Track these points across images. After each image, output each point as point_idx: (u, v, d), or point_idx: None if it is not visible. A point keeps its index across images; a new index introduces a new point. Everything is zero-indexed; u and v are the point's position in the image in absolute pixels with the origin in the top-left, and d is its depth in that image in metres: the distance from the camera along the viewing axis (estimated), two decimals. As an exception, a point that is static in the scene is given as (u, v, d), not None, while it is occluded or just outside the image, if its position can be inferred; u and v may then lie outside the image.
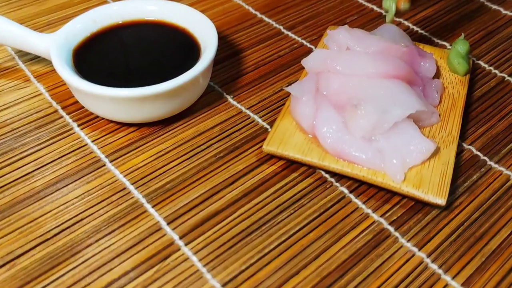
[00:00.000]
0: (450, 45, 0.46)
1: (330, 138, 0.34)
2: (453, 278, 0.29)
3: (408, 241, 0.31)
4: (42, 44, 0.38)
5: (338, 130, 0.34)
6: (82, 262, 0.30)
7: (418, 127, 0.35)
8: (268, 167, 0.35)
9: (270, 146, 0.35)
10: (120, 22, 0.41)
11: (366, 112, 0.33)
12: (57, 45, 0.37)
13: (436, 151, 0.34)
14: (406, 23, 0.48)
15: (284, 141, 0.35)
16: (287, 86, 0.38)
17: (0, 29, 0.38)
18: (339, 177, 0.35)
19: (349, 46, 0.38)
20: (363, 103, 0.34)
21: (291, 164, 0.35)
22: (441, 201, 0.32)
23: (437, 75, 0.40)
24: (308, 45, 0.46)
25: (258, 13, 0.49)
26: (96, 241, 0.31)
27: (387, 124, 0.33)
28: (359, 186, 0.34)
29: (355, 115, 0.34)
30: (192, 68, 0.36)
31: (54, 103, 0.39)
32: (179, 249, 0.30)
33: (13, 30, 0.39)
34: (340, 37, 0.39)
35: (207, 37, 0.39)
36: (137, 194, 0.33)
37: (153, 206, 0.33)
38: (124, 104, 0.35)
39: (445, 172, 0.33)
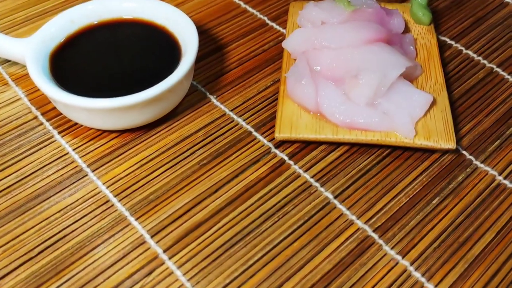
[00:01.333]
0: (439, 33, 0.45)
1: (338, 113, 0.35)
2: (436, 286, 0.29)
3: (392, 248, 0.31)
4: (18, 50, 0.37)
5: (343, 103, 0.36)
6: (67, 280, 0.30)
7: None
8: (252, 173, 0.35)
9: (282, 133, 0.35)
10: (98, 21, 0.40)
11: (366, 80, 0.35)
12: (33, 51, 0.36)
13: (432, 101, 0.36)
14: (393, 10, 0.47)
15: (294, 125, 0.36)
16: (287, 73, 0.38)
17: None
18: (324, 181, 0.34)
19: (324, 20, 0.40)
20: (361, 72, 0.35)
21: (276, 169, 0.35)
22: (452, 145, 0.34)
23: (406, 29, 0.42)
24: (293, 37, 0.44)
25: (241, 3, 0.48)
26: (80, 257, 0.31)
27: (384, 87, 0.35)
28: (344, 190, 0.34)
29: (357, 84, 0.35)
30: (174, 73, 0.35)
31: (33, 109, 0.39)
32: (163, 263, 0.30)
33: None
34: (313, 14, 0.40)
35: (187, 36, 0.38)
36: (120, 207, 0.33)
37: (136, 219, 0.32)
38: (103, 114, 0.34)
39: (446, 119, 0.35)
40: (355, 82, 0.35)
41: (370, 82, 0.35)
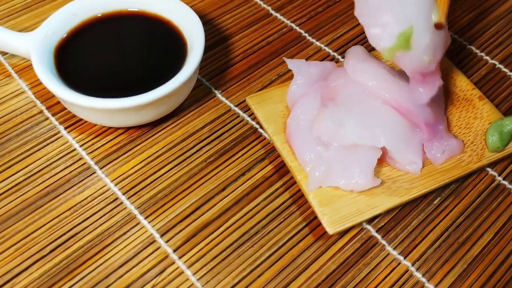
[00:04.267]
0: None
1: (295, 120, 0.34)
2: (436, 286, 0.31)
3: (394, 248, 0.32)
4: (22, 45, 0.37)
5: (306, 120, 0.34)
6: (81, 279, 0.30)
7: (394, 165, 0.34)
8: (258, 172, 0.35)
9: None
10: (101, 14, 0.39)
11: (324, 116, 0.33)
12: (37, 47, 0.36)
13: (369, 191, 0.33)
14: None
15: (265, 102, 0.36)
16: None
17: (-25, 30, 0.37)
18: (329, 180, 0.35)
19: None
20: (331, 107, 0.33)
21: (280, 168, 0.36)
22: (329, 229, 0.31)
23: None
24: (298, 29, 0.44)
25: (245, -9, 0.47)
26: (92, 256, 0.31)
27: (344, 139, 0.32)
28: (348, 189, 0.35)
29: (320, 113, 0.34)
30: (181, 72, 0.35)
31: (38, 103, 0.39)
32: (173, 263, 0.31)
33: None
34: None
35: (193, 31, 0.37)
36: (129, 205, 0.34)
37: (145, 218, 0.33)
38: (110, 113, 0.34)
39: (363, 212, 0.32)
40: (322, 109, 0.34)
41: (325, 119, 0.33)
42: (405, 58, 0.32)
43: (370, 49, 0.41)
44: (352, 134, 0.32)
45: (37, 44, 0.36)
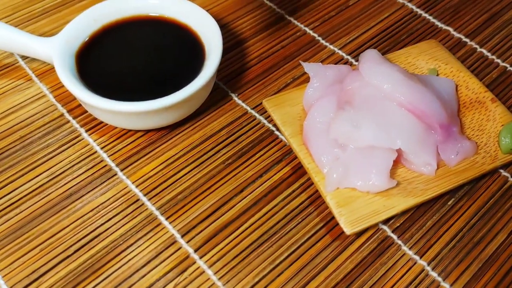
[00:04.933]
0: (455, 29, 0.45)
1: (311, 122, 0.35)
2: (452, 285, 0.31)
3: (410, 248, 0.33)
4: (43, 50, 0.37)
5: (323, 122, 0.35)
6: (105, 278, 0.31)
7: (409, 167, 0.35)
8: (275, 174, 0.36)
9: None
10: (120, 19, 0.40)
11: (341, 118, 0.34)
12: (60, 51, 0.37)
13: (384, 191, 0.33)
14: (410, 5, 0.47)
15: (281, 104, 0.37)
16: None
17: (-1, 36, 0.38)
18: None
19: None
20: (348, 109, 0.34)
21: (297, 170, 0.36)
22: (347, 230, 0.32)
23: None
24: (311, 33, 0.45)
25: (259, -4, 0.48)
26: (115, 256, 0.32)
27: (361, 141, 0.33)
28: (364, 190, 0.35)
29: (336, 115, 0.34)
30: (199, 76, 0.36)
31: (59, 106, 0.39)
32: (194, 262, 0.32)
33: (11, 36, 0.38)
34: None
35: (210, 35, 0.38)
36: (150, 206, 0.34)
37: (166, 218, 0.34)
38: (131, 116, 0.35)
39: (379, 212, 0.32)
40: (339, 112, 0.34)
41: (342, 122, 0.34)
42: None
43: (383, 52, 0.42)
44: (368, 136, 0.33)
45: (59, 49, 0.37)
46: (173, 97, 0.34)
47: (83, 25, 0.39)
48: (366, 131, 0.33)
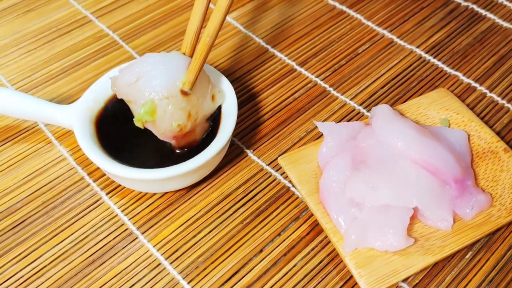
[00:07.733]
0: (464, 74, 0.46)
1: (327, 181, 0.35)
2: None
3: (431, 306, 0.33)
4: (63, 117, 0.38)
5: (339, 181, 0.36)
6: None
7: (425, 222, 0.35)
8: (293, 232, 0.37)
9: (284, 159, 0.37)
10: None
11: (357, 178, 0.35)
12: (79, 119, 0.38)
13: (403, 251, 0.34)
14: (418, 51, 0.48)
15: (296, 162, 0.38)
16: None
17: (18, 106, 0.39)
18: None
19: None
20: (363, 170, 0.35)
21: (315, 227, 0.37)
22: None
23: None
24: (322, 83, 0.46)
25: (269, 47, 0.49)
26: (140, 323, 0.33)
27: (377, 201, 0.34)
28: (381, 246, 0.36)
29: (352, 176, 0.35)
30: (215, 140, 0.36)
31: (79, 169, 0.40)
32: (218, 328, 0.33)
33: (32, 106, 0.39)
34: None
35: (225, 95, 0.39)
36: (172, 271, 0.35)
37: (188, 282, 0.34)
38: (149, 183, 0.36)
39: (398, 272, 0.33)
40: (355, 172, 0.35)
41: (358, 182, 0.34)
42: (153, 126, 0.36)
43: (395, 101, 0.42)
44: (385, 196, 0.34)
45: (79, 117, 0.38)
46: (191, 163, 0.35)
47: (100, 90, 0.40)
48: (382, 192, 0.34)
